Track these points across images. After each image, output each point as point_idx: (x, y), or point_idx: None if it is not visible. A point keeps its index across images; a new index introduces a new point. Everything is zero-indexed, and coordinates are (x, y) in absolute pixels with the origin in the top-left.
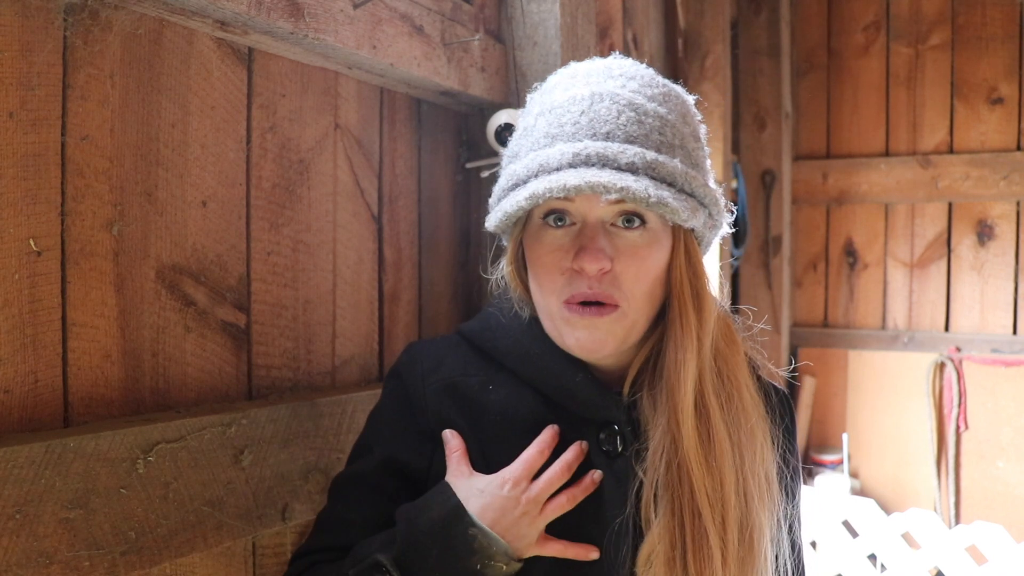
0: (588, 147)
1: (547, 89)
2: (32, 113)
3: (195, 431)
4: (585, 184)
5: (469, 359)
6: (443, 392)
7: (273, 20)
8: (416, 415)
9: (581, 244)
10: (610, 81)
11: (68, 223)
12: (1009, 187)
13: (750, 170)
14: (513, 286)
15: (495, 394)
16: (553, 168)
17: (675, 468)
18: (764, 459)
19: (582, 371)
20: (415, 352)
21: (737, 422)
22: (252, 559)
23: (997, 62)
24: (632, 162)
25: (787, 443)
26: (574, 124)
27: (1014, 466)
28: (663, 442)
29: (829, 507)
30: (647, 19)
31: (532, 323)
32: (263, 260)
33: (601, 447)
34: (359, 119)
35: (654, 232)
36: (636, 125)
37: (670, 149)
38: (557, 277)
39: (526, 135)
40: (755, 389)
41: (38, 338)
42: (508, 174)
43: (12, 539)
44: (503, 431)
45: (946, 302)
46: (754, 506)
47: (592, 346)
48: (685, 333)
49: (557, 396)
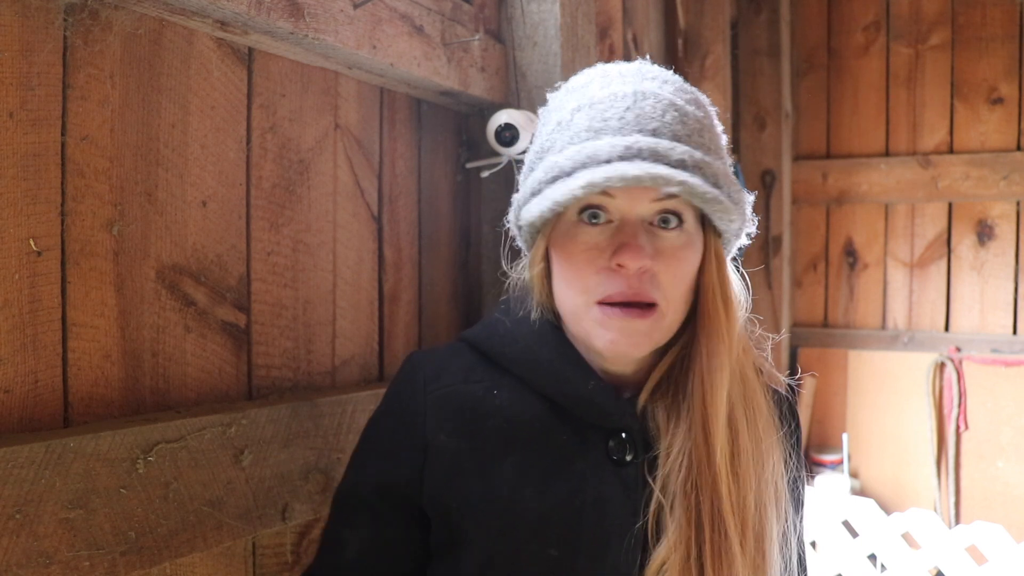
0: (639, 141)
1: (579, 86)
2: (32, 113)
3: (195, 431)
4: (646, 175)
5: (473, 365)
6: (444, 401)
7: (273, 20)
8: (413, 428)
9: (622, 241)
10: (648, 82)
11: (68, 223)
12: (1009, 187)
13: (750, 170)
14: (539, 288)
15: (500, 399)
16: (602, 160)
17: (697, 475)
18: (777, 469)
19: (593, 377)
20: (415, 361)
21: (757, 430)
22: (252, 559)
23: (997, 62)
24: (682, 159)
25: (795, 453)
26: (619, 119)
27: (1014, 466)
28: (684, 449)
29: (829, 507)
30: (647, 19)
31: (544, 326)
32: (263, 260)
33: (610, 455)
34: (359, 119)
35: (690, 234)
36: (680, 124)
37: (710, 151)
38: (591, 276)
39: (561, 129)
40: (768, 396)
41: (38, 338)
42: (548, 166)
43: (12, 539)
44: (507, 437)
45: (946, 302)
46: (768, 516)
47: (627, 348)
48: (718, 339)
49: (566, 403)
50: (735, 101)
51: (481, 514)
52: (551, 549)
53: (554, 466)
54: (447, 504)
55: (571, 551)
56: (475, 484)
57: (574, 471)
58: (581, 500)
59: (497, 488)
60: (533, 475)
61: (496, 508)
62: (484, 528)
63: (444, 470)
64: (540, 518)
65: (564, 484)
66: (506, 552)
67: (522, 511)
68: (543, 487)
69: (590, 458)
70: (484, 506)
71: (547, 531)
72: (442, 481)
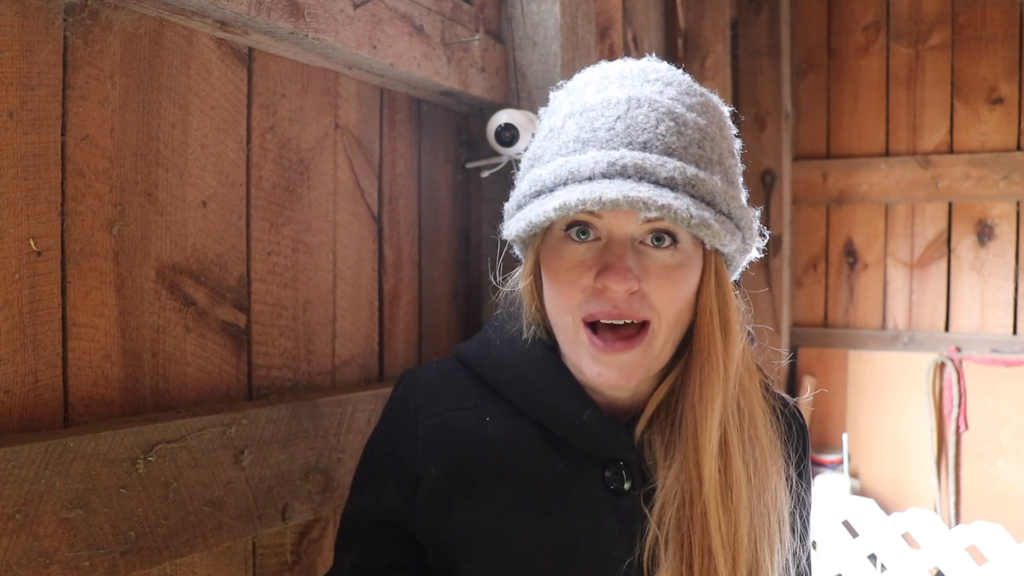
0: (625, 156)
1: (576, 88)
2: (32, 113)
3: (195, 431)
4: (623, 198)
5: (466, 388)
6: (435, 432)
7: (273, 20)
8: (404, 459)
9: (606, 262)
10: (647, 86)
11: (68, 223)
12: (1009, 187)
13: (750, 170)
14: (528, 301)
15: (492, 427)
16: (584, 177)
17: (689, 508)
18: (778, 500)
19: (589, 407)
20: (408, 384)
21: (755, 461)
22: (252, 559)
23: (997, 62)
24: (671, 177)
25: (800, 478)
26: (608, 130)
27: (1014, 466)
28: (678, 481)
29: (829, 507)
30: (647, 19)
31: (535, 348)
32: (263, 260)
33: (608, 485)
34: (359, 119)
35: (685, 253)
36: (675, 136)
37: (709, 164)
38: (575, 294)
39: (552, 137)
40: (771, 421)
41: (38, 338)
42: (531, 179)
43: (12, 539)
44: (499, 468)
45: (946, 302)
46: (763, 550)
47: (616, 380)
48: (712, 366)
49: (561, 432)
50: (735, 101)
51: (472, 547)
52: None
53: (548, 497)
54: (439, 536)
55: None
56: (466, 517)
57: (570, 501)
58: (576, 531)
59: (488, 521)
60: (526, 507)
61: (488, 541)
62: (477, 562)
63: (435, 503)
64: (533, 550)
65: (559, 515)
66: None
67: (515, 544)
68: (536, 519)
69: (586, 487)
70: (476, 540)
71: (541, 564)
72: (433, 514)
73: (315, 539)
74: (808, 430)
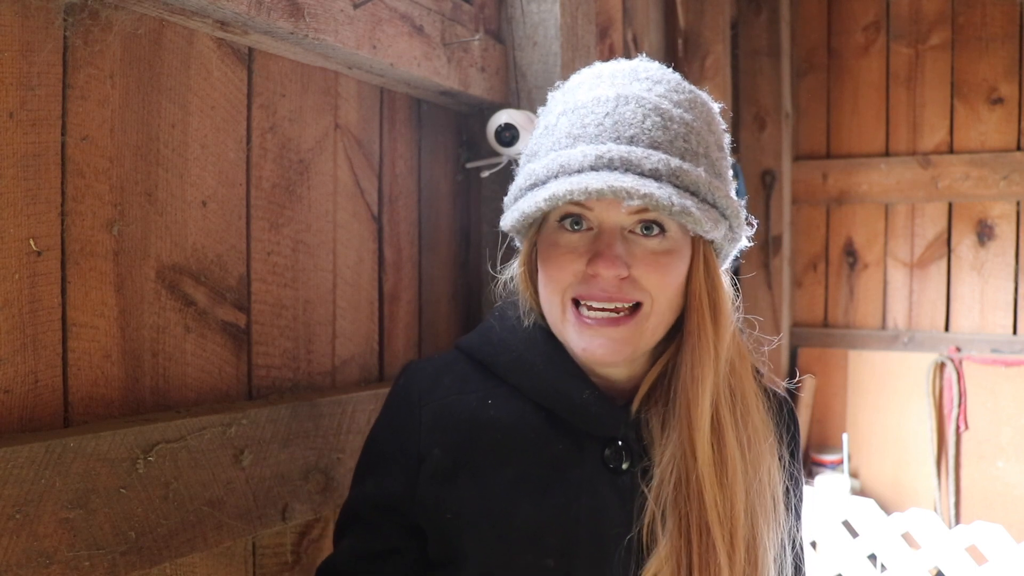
0: (611, 150)
1: (570, 88)
2: (32, 113)
3: (195, 431)
4: (607, 188)
5: (468, 375)
6: (438, 415)
7: (273, 20)
8: (407, 443)
9: (597, 250)
10: (636, 84)
11: (68, 223)
12: (1009, 187)
13: (750, 170)
14: (523, 289)
15: (495, 410)
16: (574, 170)
17: (685, 485)
18: (772, 478)
19: (588, 386)
20: (411, 373)
21: (748, 439)
22: (252, 559)
23: (997, 62)
24: (656, 168)
25: (792, 459)
26: (597, 126)
27: (1014, 466)
28: (674, 458)
29: (829, 507)
30: (647, 19)
31: (535, 332)
32: (263, 260)
33: (607, 464)
34: (359, 119)
35: (674, 241)
36: (661, 130)
37: (694, 157)
38: (567, 277)
39: (547, 134)
40: (763, 403)
41: (38, 338)
42: (526, 173)
43: (12, 539)
44: (502, 449)
45: (946, 302)
46: (760, 525)
47: (602, 355)
48: (703, 347)
49: (562, 412)
50: (735, 101)
51: (477, 527)
52: (548, 559)
53: (550, 476)
54: (442, 517)
55: (568, 561)
56: (470, 497)
57: (570, 480)
58: (577, 509)
59: (492, 500)
60: (529, 486)
61: (491, 520)
62: (480, 540)
63: (439, 482)
64: (536, 529)
65: (560, 494)
66: (503, 564)
67: (518, 522)
68: (539, 498)
69: (586, 467)
70: (479, 519)
71: (543, 541)
72: (436, 495)
73: (315, 539)
74: (796, 412)
